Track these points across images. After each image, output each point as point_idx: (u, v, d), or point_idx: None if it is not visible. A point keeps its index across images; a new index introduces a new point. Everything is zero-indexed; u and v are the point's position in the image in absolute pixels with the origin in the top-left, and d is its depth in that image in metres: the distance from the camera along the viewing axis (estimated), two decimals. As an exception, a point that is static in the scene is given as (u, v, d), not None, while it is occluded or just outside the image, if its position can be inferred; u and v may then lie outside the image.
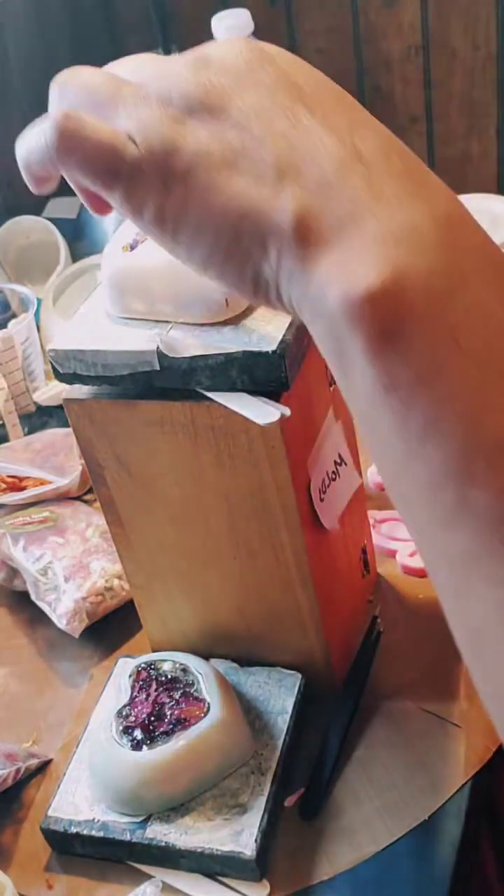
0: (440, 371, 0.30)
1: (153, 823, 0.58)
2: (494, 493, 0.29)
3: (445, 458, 0.30)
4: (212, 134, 0.35)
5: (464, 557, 0.30)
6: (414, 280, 0.31)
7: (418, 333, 0.30)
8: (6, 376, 0.94)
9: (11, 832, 0.63)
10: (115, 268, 0.54)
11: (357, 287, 0.31)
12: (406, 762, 0.61)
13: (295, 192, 0.33)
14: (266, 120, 0.35)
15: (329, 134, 0.34)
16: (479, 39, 1.43)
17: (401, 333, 0.30)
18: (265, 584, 0.61)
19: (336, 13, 1.47)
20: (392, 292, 0.30)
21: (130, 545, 0.63)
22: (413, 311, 0.30)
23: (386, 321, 0.31)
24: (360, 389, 0.32)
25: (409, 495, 0.32)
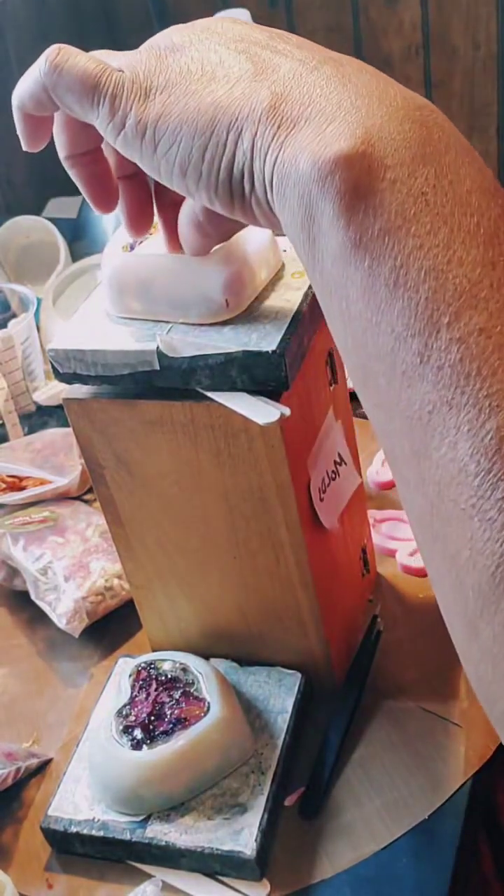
0: (409, 224, 0.31)
1: (153, 823, 0.58)
2: (457, 344, 0.30)
3: (411, 310, 0.31)
4: (192, 58, 0.39)
5: (424, 413, 0.31)
6: (387, 142, 0.33)
7: (389, 190, 0.32)
8: (6, 376, 0.94)
9: (11, 832, 0.63)
10: (114, 267, 0.54)
11: (330, 148, 0.33)
12: (406, 761, 0.61)
13: (269, 84, 0.36)
14: (244, 45, 0.38)
15: (301, 50, 0.37)
16: (480, 38, 1.43)
17: (372, 190, 0.32)
18: (265, 584, 0.61)
19: (336, 12, 1.47)
20: (364, 152, 0.32)
21: (130, 545, 0.63)
22: (384, 170, 0.32)
23: (358, 178, 0.32)
24: (328, 252, 0.33)
25: (371, 357, 0.33)
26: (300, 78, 0.36)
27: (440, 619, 0.34)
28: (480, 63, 1.45)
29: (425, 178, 0.32)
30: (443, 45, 1.45)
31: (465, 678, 0.65)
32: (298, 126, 0.35)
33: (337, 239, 0.33)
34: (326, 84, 0.35)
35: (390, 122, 0.33)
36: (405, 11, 1.44)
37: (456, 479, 0.30)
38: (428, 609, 0.70)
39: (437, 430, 0.30)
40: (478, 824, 0.61)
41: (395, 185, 0.32)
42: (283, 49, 0.38)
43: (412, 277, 0.31)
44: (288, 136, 0.35)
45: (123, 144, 0.40)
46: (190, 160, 0.38)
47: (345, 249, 0.33)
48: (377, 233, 0.32)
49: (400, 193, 0.32)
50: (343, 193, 0.32)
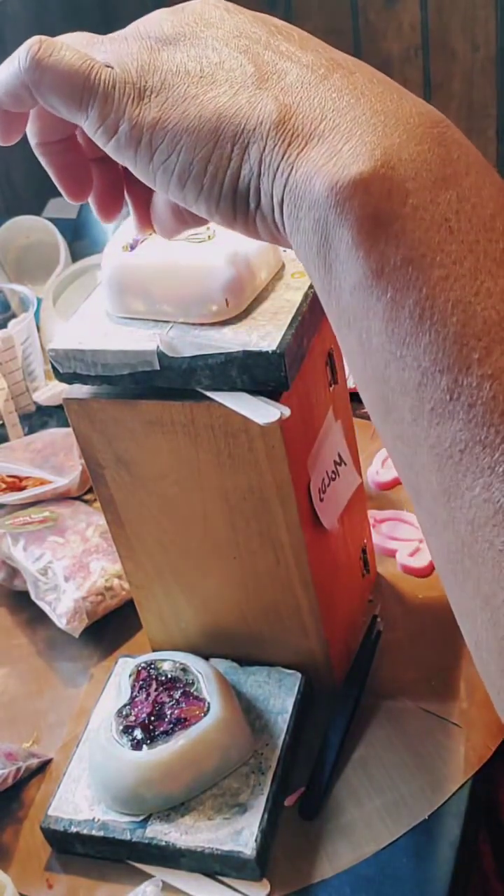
0: (433, 253, 0.30)
1: (153, 823, 0.58)
2: (489, 381, 0.28)
3: (439, 345, 0.29)
4: (189, 55, 0.36)
5: (455, 451, 0.29)
6: (407, 165, 0.30)
7: (410, 216, 0.30)
8: (6, 376, 0.94)
9: (11, 832, 0.63)
10: (114, 268, 0.54)
11: (347, 171, 0.31)
12: (406, 762, 0.61)
13: (276, 93, 0.34)
14: (244, 42, 0.35)
15: (306, 52, 0.35)
16: (479, 40, 1.44)
17: (392, 216, 0.30)
18: (265, 584, 0.61)
19: (336, 13, 1.47)
20: (384, 175, 0.30)
21: (130, 545, 0.63)
22: (405, 195, 0.30)
23: (378, 204, 0.30)
24: (346, 281, 0.32)
25: (395, 391, 0.31)
26: (309, 88, 0.33)
27: (440, 620, 0.34)
28: (479, 65, 1.45)
29: (448, 203, 0.30)
30: (442, 47, 1.45)
31: (464, 678, 0.65)
32: (311, 144, 0.32)
33: (356, 268, 0.31)
34: (339, 97, 0.33)
35: (409, 142, 0.31)
36: (404, 13, 1.44)
37: (491, 520, 0.28)
38: (428, 609, 0.70)
39: (469, 469, 0.29)
40: (478, 824, 0.61)
41: (417, 211, 0.30)
42: (286, 51, 0.35)
43: (439, 310, 0.29)
44: (300, 154, 0.32)
45: (115, 150, 0.37)
46: (190, 172, 0.35)
47: (365, 279, 0.31)
48: (400, 262, 0.30)
49: (423, 220, 0.30)
50: (362, 220, 0.30)
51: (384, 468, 0.83)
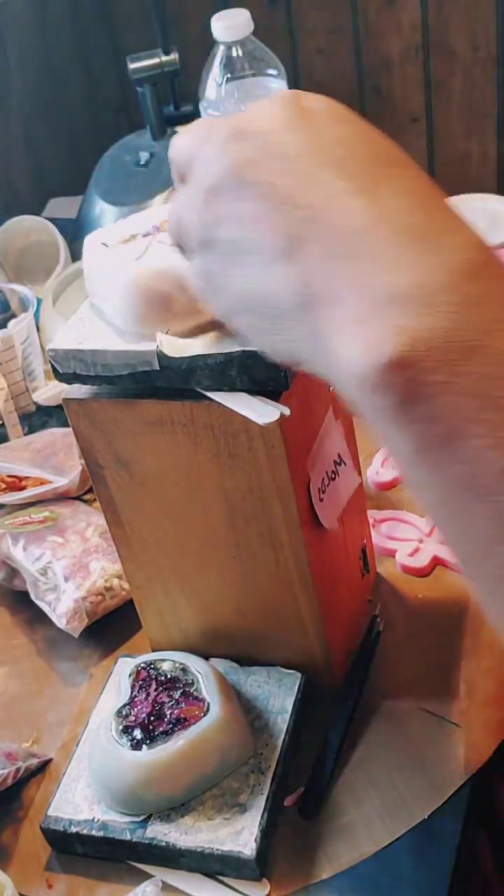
0: (470, 426, 0.29)
1: (153, 823, 0.58)
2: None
3: (495, 517, 0.29)
4: (233, 209, 0.37)
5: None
6: (431, 343, 0.30)
7: (441, 394, 0.30)
8: (6, 376, 0.94)
9: (11, 832, 0.63)
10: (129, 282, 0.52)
11: (373, 358, 0.31)
12: (406, 761, 0.61)
13: (301, 270, 0.34)
14: (285, 190, 0.35)
15: (351, 196, 0.34)
16: (480, 40, 1.43)
17: (423, 396, 0.30)
18: (265, 584, 0.61)
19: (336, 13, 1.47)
20: (409, 359, 0.30)
21: (130, 545, 0.63)
22: (432, 373, 0.30)
23: (407, 387, 0.30)
24: (398, 453, 0.32)
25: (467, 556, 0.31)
26: (334, 260, 0.33)
27: (440, 620, 0.34)
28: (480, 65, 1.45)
29: (479, 371, 0.30)
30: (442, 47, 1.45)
31: (464, 678, 0.65)
32: (337, 327, 0.33)
33: (402, 443, 0.31)
34: (362, 270, 0.32)
35: (432, 316, 0.30)
36: (404, 13, 1.44)
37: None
38: (428, 609, 0.70)
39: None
40: (477, 824, 0.61)
41: (448, 386, 0.30)
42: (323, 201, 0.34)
43: (488, 482, 0.29)
44: (329, 339, 0.33)
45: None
46: (242, 330, 0.39)
47: (410, 455, 0.31)
48: (437, 440, 0.30)
49: (455, 394, 0.30)
50: (396, 405, 0.31)
51: (384, 468, 0.82)
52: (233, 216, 0.37)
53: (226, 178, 0.37)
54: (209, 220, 0.38)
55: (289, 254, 0.34)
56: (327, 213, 0.34)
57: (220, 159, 0.38)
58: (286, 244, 0.35)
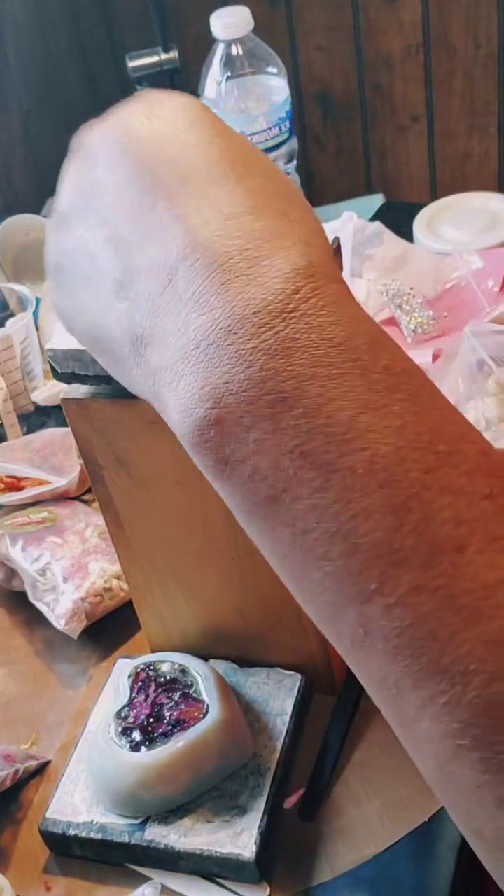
0: (292, 487, 0.27)
1: (152, 825, 0.58)
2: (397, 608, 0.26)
3: (331, 580, 0.27)
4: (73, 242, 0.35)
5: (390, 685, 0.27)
6: (236, 396, 0.28)
7: (258, 453, 0.28)
8: (4, 376, 0.94)
9: (9, 834, 0.62)
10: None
11: (187, 417, 0.29)
12: (406, 763, 0.61)
13: (127, 308, 0.32)
14: (114, 222, 0.33)
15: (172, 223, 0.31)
16: (481, 38, 1.43)
17: (240, 457, 0.28)
18: (265, 585, 0.61)
19: (337, 11, 1.47)
20: (218, 418, 0.28)
21: (129, 545, 0.63)
22: (244, 431, 0.28)
23: (222, 449, 0.28)
24: (231, 508, 0.31)
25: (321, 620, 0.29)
26: (154, 302, 0.31)
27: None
28: (481, 62, 1.45)
29: (294, 425, 0.27)
30: (443, 45, 1.45)
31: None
32: (159, 375, 0.31)
33: (231, 503, 0.30)
34: (177, 313, 0.30)
35: (238, 366, 0.28)
36: (405, 10, 1.43)
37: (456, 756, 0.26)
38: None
39: (410, 705, 0.27)
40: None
41: (262, 444, 0.27)
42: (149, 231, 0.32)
43: (318, 545, 0.27)
44: (156, 384, 0.31)
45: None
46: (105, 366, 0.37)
47: (241, 515, 0.30)
48: (264, 501, 0.28)
49: (271, 453, 0.27)
50: (216, 464, 0.29)
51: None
52: (77, 244, 0.35)
53: (76, 200, 0.36)
54: (58, 245, 0.36)
55: (124, 288, 0.32)
56: (149, 245, 0.32)
57: (73, 174, 0.37)
58: (121, 278, 0.33)
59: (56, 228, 0.37)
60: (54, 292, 0.37)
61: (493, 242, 1.00)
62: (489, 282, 0.93)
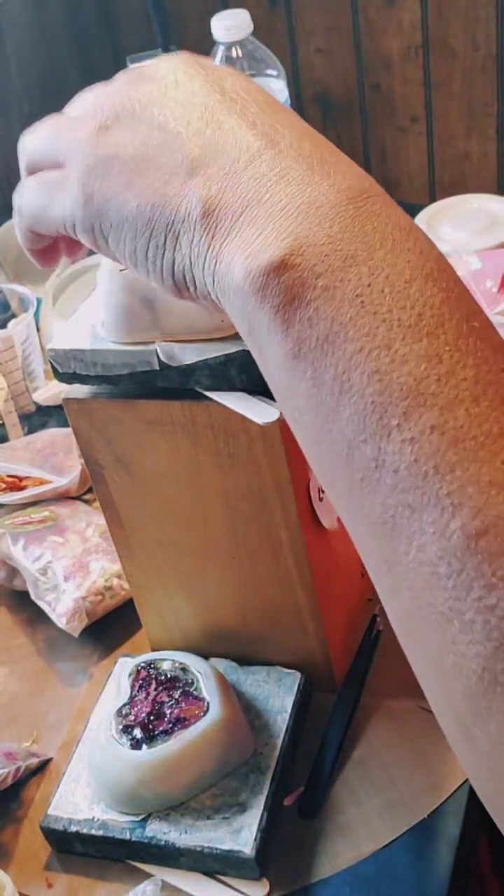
0: (346, 330, 0.31)
1: (153, 822, 0.58)
2: (410, 444, 0.29)
3: (359, 416, 0.30)
4: (131, 136, 0.38)
5: (388, 518, 0.30)
6: (315, 249, 0.32)
7: (322, 298, 0.31)
8: (6, 376, 0.94)
9: (11, 831, 0.63)
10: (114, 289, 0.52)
11: (259, 260, 0.32)
12: (405, 761, 0.61)
13: (203, 182, 0.35)
14: (184, 120, 0.37)
15: (242, 129, 0.36)
16: (480, 39, 1.43)
17: (304, 299, 0.31)
18: (265, 584, 0.61)
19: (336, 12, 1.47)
20: (292, 262, 0.32)
21: (130, 544, 0.63)
22: (315, 277, 0.31)
23: (289, 290, 0.32)
24: (273, 363, 0.33)
25: (329, 465, 0.32)
26: (234, 176, 0.35)
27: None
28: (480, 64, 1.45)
29: (359, 279, 0.31)
30: (442, 46, 1.45)
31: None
32: (231, 236, 0.34)
33: (278, 351, 0.32)
34: (259, 184, 0.34)
35: (319, 226, 0.32)
36: (404, 12, 1.44)
37: (430, 582, 0.29)
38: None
39: (402, 534, 0.29)
40: (477, 823, 0.61)
41: (328, 291, 0.31)
42: (227, 127, 0.36)
43: (356, 383, 0.30)
44: (222, 246, 0.34)
45: (82, 238, 0.40)
46: (136, 257, 0.38)
47: (286, 361, 0.32)
48: (315, 343, 0.31)
49: (334, 300, 0.31)
50: (277, 307, 0.32)
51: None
52: (134, 139, 0.37)
53: (126, 108, 0.38)
54: (106, 142, 0.38)
55: (191, 171, 0.36)
56: (226, 140, 0.36)
57: (121, 92, 0.39)
58: (188, 164, 0.36)
59: (99, 131, 0.38)
60: (98, 186, 0.38)
61: (492, 243, 1.01)
62: (487, 282, 0.93)
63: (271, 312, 0.32)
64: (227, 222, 0.34)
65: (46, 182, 0.40)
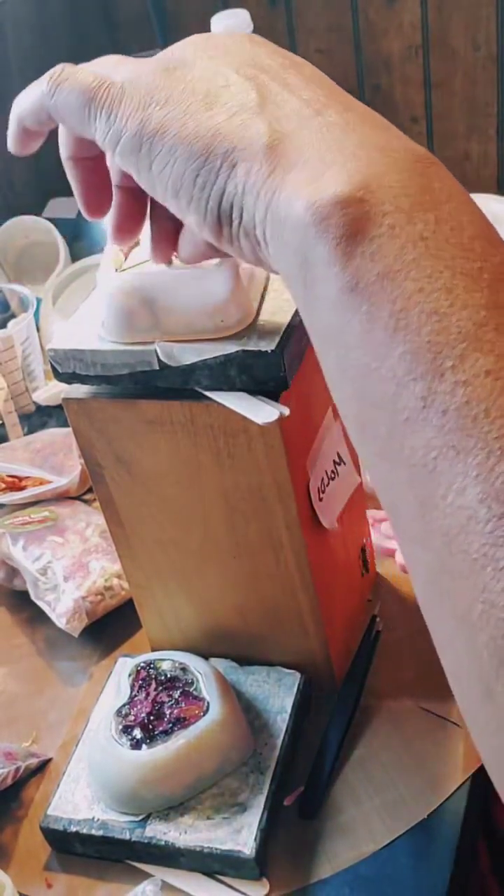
0: (408, 269, 0.31)
1: (152, 822, 0.58)
2: (462, 387, 0.29)
3: (412, 354, 0.30)
4: (199, 76, 0.38)
5: (429, 460, 0.29)
6: (385, 190, 0.32)
7: (387, 235, 0.31)
8: (6, 376, 0.94)
9: (11, 831, 0.63)
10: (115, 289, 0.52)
11: (326, 192, 0.32)
12: (405, 761, 0.61)
13: (271, 120, 0.36)
14: (253, 72, 0.38)
15: (311, 87, 0.37)
16: (480, 39, 1.43)
17: (369, 234, 0.31)
18: (265, 584, 0.61)
19: (336, 12, 1.47)
20: (362, 197, 0.32)
21: (130, 544, 0.63)
22: (382, 216, 0.31)
23: (355, 222, 0.32)
24: (325, 298, 0.33)
25: (372, 405, 0.32)
26: (303, 120, 0.35)
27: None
28: (480, 64, 1.45)
29: (425, 224, 0.31)
30: (443, 46, 1.45)
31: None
32: (296, 170, 0.34)
33: (333, 284, 0.32)
34: (329, 130, 0.34)
35: (390, 172, 0.33)
36: (405, 12, 1.44)
37: (466, 527, 0.28)
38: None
39: (443, 476, 0.29)
40: (477, 823, 0.61)
41: (393, 229, 0.31)
42: (293, 83, 0.37)
43: (413, 321, 0.30)
44: (284, 178, 0.34)
45: (120, 158, 0.39)
46: (182, 182, 0.37)
47: (342, 294, 0.32)
48: (375, 277, 0.31)
49: (399, 238, 0.31)
50: (340, 238, 0.32)
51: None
52: (200, 80, 0.38)
53: (191, 54, 0.39)
54: (172, 77, 0.38)
55: (260, 110, 0.36)
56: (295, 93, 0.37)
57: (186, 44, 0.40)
58: (256, 104, 0.36)
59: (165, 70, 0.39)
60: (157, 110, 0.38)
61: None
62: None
63: (332, 243, 0.32)
64: (293, 156, 0.34)
65: (99, 89, 0.39)
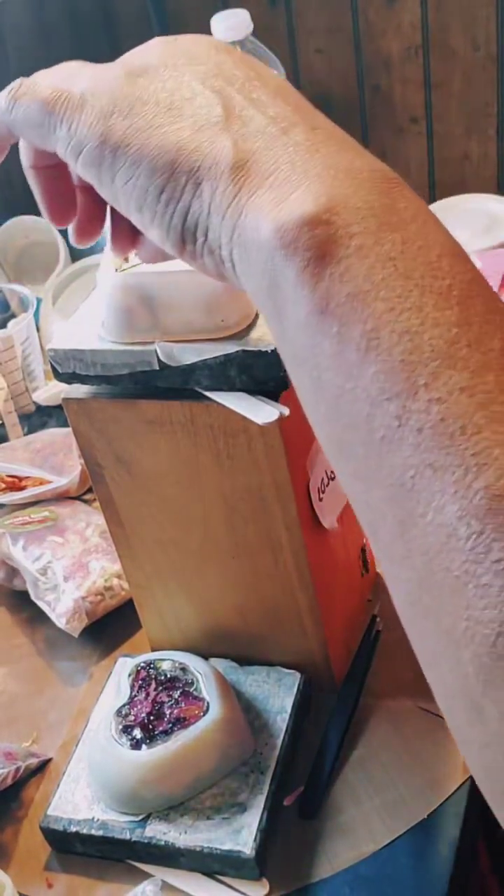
0: (378, 289, 0.30)
1: (152, 822, 0.58)
2: (437, 404, 0.29)
3: (385, 373, 0.30)
4: (163, 87, 0.37)
5: (406, 479, 0.29)
6: (352, 211, 0.32)
7: (355, 256, 0.31)
8: (6, 376, 0.94)
9: (11, 831, 0.63)
10: (114, 288, 0.52)
11: (292, 214, 0.32)
12: (405, 761, 0.61)
13: (236, 138, 0.35)
14: (219, 83, 0.37)
15: (278, 104, 0.36)
16: (480, 40, 1.44)
17: (336, 256, 0.31)
18: (264, 584, 0.61)
19: (336, 13, 1.47)
20: (328, 219, 0.32)
21: (129, 544, 0.63)
22: (349, 237, 0.31)
23: (322, 244, 0.31)
24: (295, 321, 0.32)
25: (346, 426, 0.32)
26: (269, 139, 0.35)
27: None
28: (479, 64, 1.45)
29: (392, 244, 0.31)
30: (442, 46, 1.45)
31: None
32: (261, 191, 0.33)
33: (303, 306, 0.32)
34: (295, 151, 0.34)
35: (356, 193, 0.32)
36: (404, 12, 1.44)
37: (446, 545, 0.28)
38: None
39: (421, 495, 0.29)
40: (476, 823, 0.61)
41: (361, 250, 0.31)
42: (258, 98, 0.36)
43: (384, 341, 0.30)
44: (249, 200, 0.34)
45: (83, 169, 0.39)
46: (146, 198, 0.37)
47: (312, 316, 0.32)
48: (345, 298, 0.31)
49: (367, 259, 0.31)
50: (308, 260, 0.31)
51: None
52: (165, 89, 0.37)
53: (155, 61, 0.38)
54: (136, 85, 0.37)
55: (226, 126, 0.35)
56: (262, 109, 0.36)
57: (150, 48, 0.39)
58: (223, 120, 0.36)
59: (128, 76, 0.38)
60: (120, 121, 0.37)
61: (492, 244, 1.01)
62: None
63: (300, 266, 0.32)
64: (259, 178, 0.34)
65: (57, 101, 0.39)
